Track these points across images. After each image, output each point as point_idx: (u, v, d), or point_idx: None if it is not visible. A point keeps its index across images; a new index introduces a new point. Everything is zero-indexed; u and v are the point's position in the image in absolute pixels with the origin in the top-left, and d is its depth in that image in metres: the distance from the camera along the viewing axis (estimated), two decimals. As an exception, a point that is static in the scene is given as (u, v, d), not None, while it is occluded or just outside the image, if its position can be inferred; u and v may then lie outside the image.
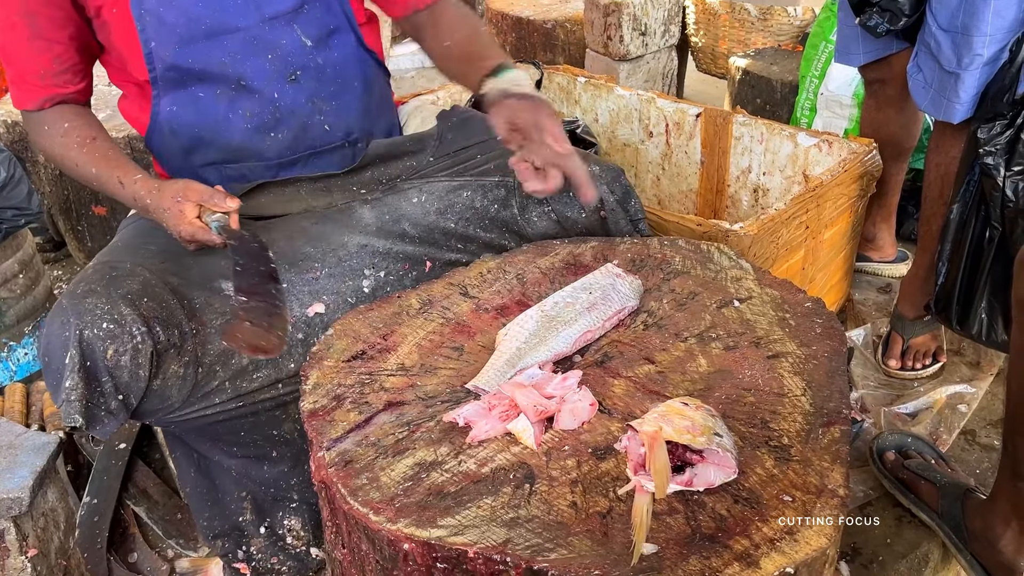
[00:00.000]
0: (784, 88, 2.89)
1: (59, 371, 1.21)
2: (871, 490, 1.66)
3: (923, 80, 1.74)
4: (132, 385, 1.24)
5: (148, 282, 1.29)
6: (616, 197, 1.49)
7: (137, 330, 1.23)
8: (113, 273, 1.29)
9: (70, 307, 1.23)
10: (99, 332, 1.21)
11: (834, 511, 0.93)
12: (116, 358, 1.22)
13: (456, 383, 1.17)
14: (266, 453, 1.47)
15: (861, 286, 2.31)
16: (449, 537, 0.92)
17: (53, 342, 1.22)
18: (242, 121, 1.46)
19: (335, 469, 1.03)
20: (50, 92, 1.45)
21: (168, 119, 1.45)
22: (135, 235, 1.44)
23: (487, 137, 1.59)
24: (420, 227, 1.51)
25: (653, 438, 0.95)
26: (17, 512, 1.21)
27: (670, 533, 0.92)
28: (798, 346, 1.20)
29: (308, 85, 1.48)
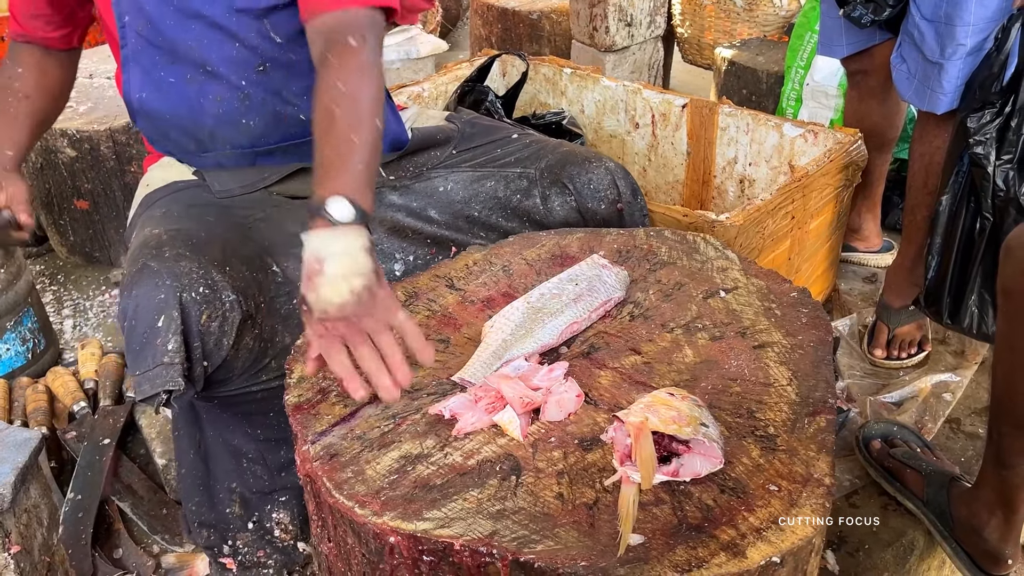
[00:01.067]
0: (770, 79, 2.89)
1: (149, 335, 1.17)
2: (857, 479, 1.67)
3: (907, 71, 1.74)
4: (215, 353, 1.23)
5: (226, 251, 1.28)
6: (629, 191, 1.55)
7: (226, 297, 1.22)
8: (194, 240, 1.27)
9: (164, 270, 1.20)
10: (196, 296, 1.19)
11: (820, 500, 0.93)
12: (208, 324, 1.20)
13: (442, 375, 1.16)
14: (286, 436, 1.47)
15: (847, 276, 2.32)
16: (435, 530, 0.92)
17: (144, 304, 1.18)
18: (213, 106, 1.43)
19: (320, 463, 1.02)
20: (21, 29, 1.48)
21: (139, 103, 1.44)
22: (185, 207, 1.41)
23: (502, 135, 1.67)
24: (447, 213, 1.56)
25: (639, 429, 0.95)
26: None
27: (656, 523, 0.92)
28: (784, 336, 1.20)
29: (277, 77, 1.45)
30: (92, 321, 2.36)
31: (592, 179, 1.54)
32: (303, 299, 1.03)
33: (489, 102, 2.21)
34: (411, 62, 3.05)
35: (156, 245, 1.27)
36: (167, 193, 1.47)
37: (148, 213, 1.43)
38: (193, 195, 1.46)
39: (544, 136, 1.71)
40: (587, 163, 1.56)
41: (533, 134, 1.71)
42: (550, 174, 1.57)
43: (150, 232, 1.33)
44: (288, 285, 1.36)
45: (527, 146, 1.64)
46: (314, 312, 1.02)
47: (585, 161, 1.56)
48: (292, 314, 1.35)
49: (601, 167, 1.55)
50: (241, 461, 1.51)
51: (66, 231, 2.50)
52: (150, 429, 1.79)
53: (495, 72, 2.54)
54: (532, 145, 1.64)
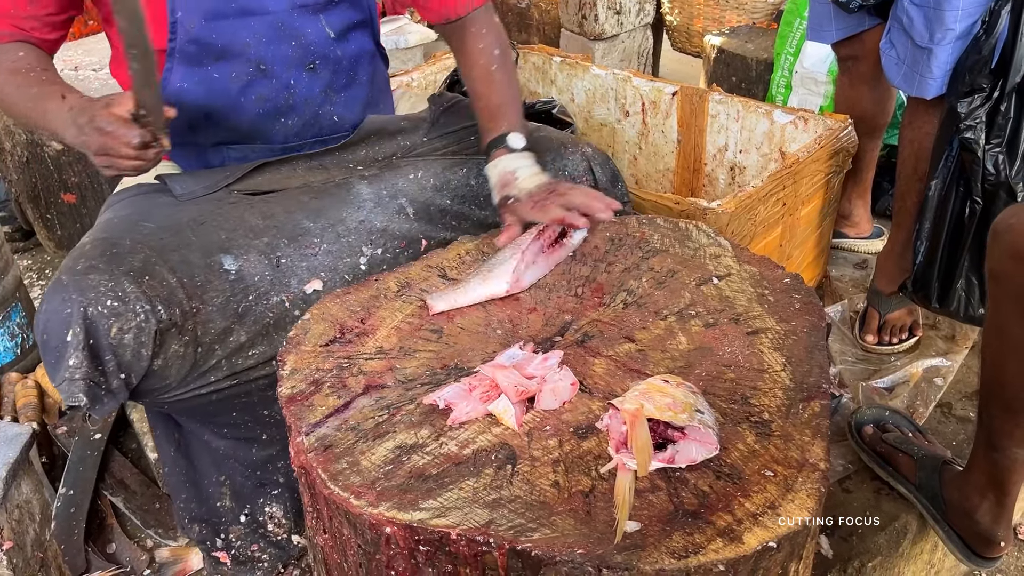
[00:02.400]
0: (759, 66, 2.89)
1: (60, 349, 1.17)
2: (850, 464, 1.67)
3: (896, 56, 1.74)
4: (134, 364, 1.21)
5: (149, 259, 1.27)
6: (607, 178, 1.52)
7: (140, 308, 1.21)
8: (114, 250, 1.26)
9: (71, 283, 1.19)
10: (103, 309, 1.18)
11: (816, 485, 0.93)
12: (120, 336, 1.19)
13: (436, 365, 1.16)
14: (256, 435, 1.46)
15: (837, 262, 2.32)
16: (431, 520, 0.91)
17: (53, 319, 1.18)
18: (254, 105, 1.45)
19: (315, 454, 1.01)
20: (9, 28, 1.37)
21: (176, 93, 1.41)
22: (130, 212, 1.39)
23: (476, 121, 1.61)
24: (417, 203, 1.51)
25: (634, 416, 0.95)
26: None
27: (653, 510, 0.92)
28: (777, 322, 1.20)
29: (324, 75, 1.48)
30: (81, 316, 2.35)
31: (567, 165, 1.51)
32: (505, 198, 1.41)
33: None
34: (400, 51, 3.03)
35: (76, 257, 1.26)
36: (126, 196, 1.46)
37: (100, 218, 1.42)
38: (150, 198, 1.43)
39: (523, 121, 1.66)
40: (562, 148, 1.53)
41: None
42: None
43: (82, 241, 1.32)
44: (243, 282, 1.34)
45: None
46: (521, 198, 1.39)
47: (560, 146, 1.53)
48: (249, 311, 1.33)
49: (577, 153, 1.52)
50: (218, 457, 1.50)
51: (53, 225, 2.48)
52: (141, 424, 1.78)
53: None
54: None
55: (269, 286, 1.36)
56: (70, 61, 2.64)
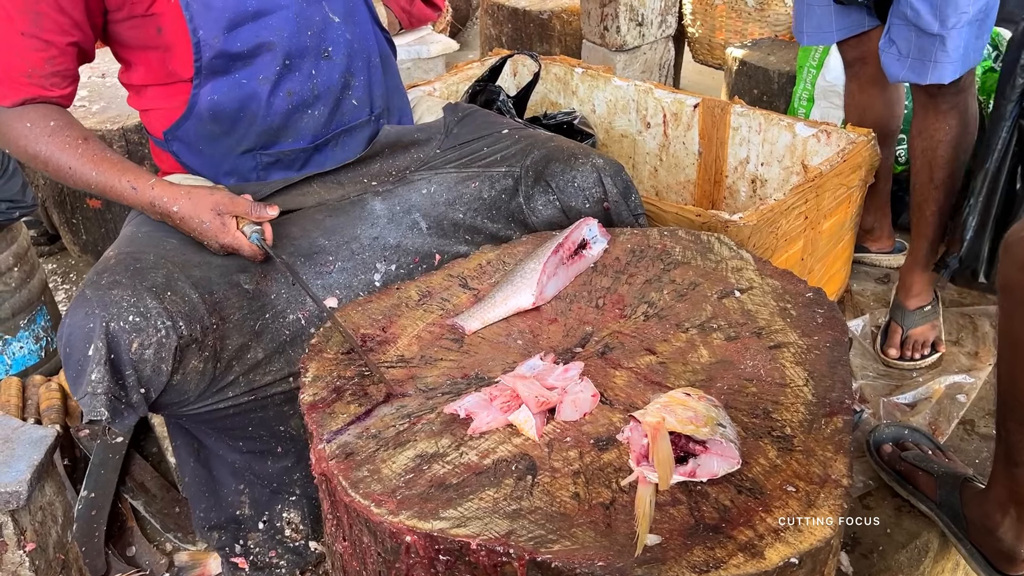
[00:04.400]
0: (781, 79, 2.89)
1: (82, 363, 1.19)
2: (870, 480, 1.66)
3: (896, 52, 1.75)
4: (154, 379, 1.23)
5: (171, 275, 1.28)
6: (618, 190, 1.51)
7: (162, 324, 1.22)
8: (137, 265, 1.27)
9: (95, 298, 1.21)
10: (125, 325, 1.19)
11: (838, 501, 0.93)
12: (140, 351, 1.20)
13: (456, 374, 1.16)
14: (271, 448, 1.47)
15: (859, 276, 2.31)
16: (451, 529, 0.92)
17: (76, 333, 1.20)
18: (284, 101, 1.46)
19: (336, 461, 1.02)
20: (34, 92, 1.36)
21: (210, 107, 1.43)
22: (154, 227, 1.41)
23: (492, 131, 1.62)
24: (430, 218, 1.53)
25: (656, 429, 0.95)
26: (15, 506, 1.20)
27: (673, 524, 0.92)
28: (799, 336, 1.19)
29: (339, 61, 1.50)
30: (104, 320, 2.37)
31: (576, 176, 1.49)
32: None
33: (500, 102, 2.21)
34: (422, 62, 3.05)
35: (100, 271, 1.27)
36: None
37: (124, 230, 1.44)
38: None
39: (539, 131, 1.65)
40: (572, 159, 1.51)
41: (527, 128, 1.66)
42: (534, 172, 1.53)
43: (105, 255, 1.34)
44: (260, 300, 1.35)
45: (516, 142, 1.59)
46: None
47: (571, 158, 1.51)
48: (266, 329, 1.35)
49: (587, 164, 1.50)
50: (235, 469, 1.51)
51: (78, 230, 2.51)
52: (162, 428, 1.79)
53: (506, 72, 2.54)
54: (521, 141, 1.59)
55: (285, 304, 1.37)
56: (97, 69, 2.68)
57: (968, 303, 2.17)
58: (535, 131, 1.65)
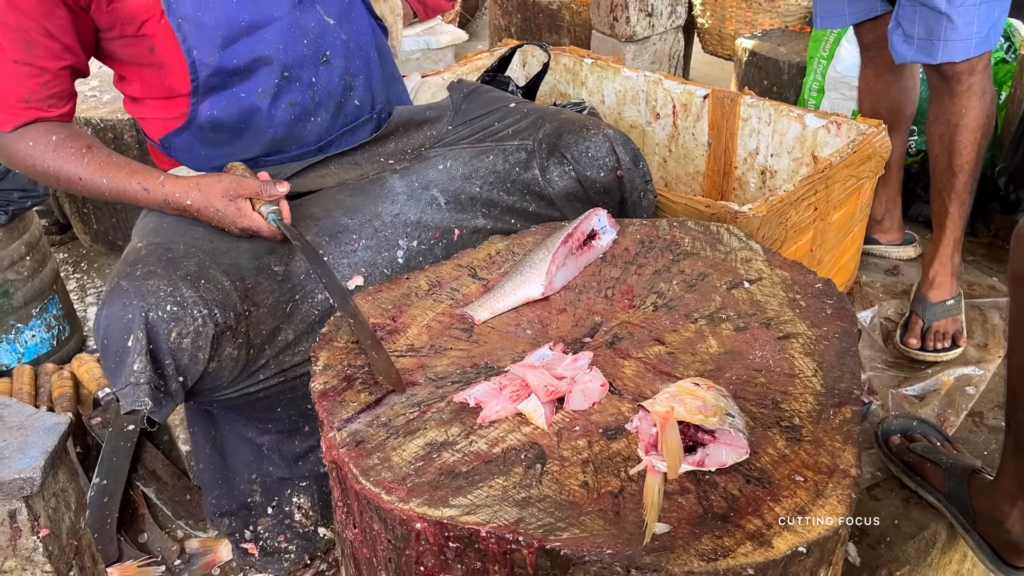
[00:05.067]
0: (791, 69, 2.88)
1: (121, 354, 1.19)
2: (879, 472, 1.66)
3: (902, 34, 1.74)
4: (191, 368, 1.23)
5: (203, 263, 1.29)
6: (630, 157, 1.53)
7: (198, 312, 1.22)
8: (169, 255, 1.28)
9: (132, 289, 1.21)
10: (163, 314, 1.20)
11: (846, 491, 0.93)
12: (179, 340, 1.21)
13: (466, 364, 1.17)
14: (299, 428, 1.48)
15: (868, 268, 2.30)
16: (461, 516, 0.92)
17: (114, 324, 1.20)
18: (286, 113, 1.46)
19: (346, 449, 1.03)
20: (32, 115, 1.36)
21: (210, 120, 1.43)
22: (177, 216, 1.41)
23: (500, 105, 1.64)
24: (448, 193, 1.54)
25: (665, 418, 0.95)
26: (29, 492, 1.21)
27: (682, 512, 0.92)
28: (808, 327, 1.19)
29: (338, 64, 1.50)
30: (115, 309, 2.38)
31: (590, 147, 1.52)
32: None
33: (510, 92, 2.21)
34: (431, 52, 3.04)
35: (132, 262, 1.27)
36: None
37: (143, 222, 1.43)
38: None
39: (545, 105, 1.66)
40: (585, 131, 1.53)
41: (532, 104, 1.68)
42: (547, 144, 1.54)
43: (133, 245, 1.34)
44: (290, 282, 1.36)
45: (525, 115, 1.61)
46: None
47: (583, 129, 1.53)
48: (296, 310, 1.36)
49: (599, 134, 1.52)
50: (259, 451, 1.52)
51: (89, 219, 2.52)
52: (173, 416, 1.80)
53: (515, 62, 2.54)
54: (531, 114, 1.61)
55: (314, 284, 1.38)
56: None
57: (977, 295, 2.17)
58: (541, 105, 1.67)
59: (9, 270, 1.94)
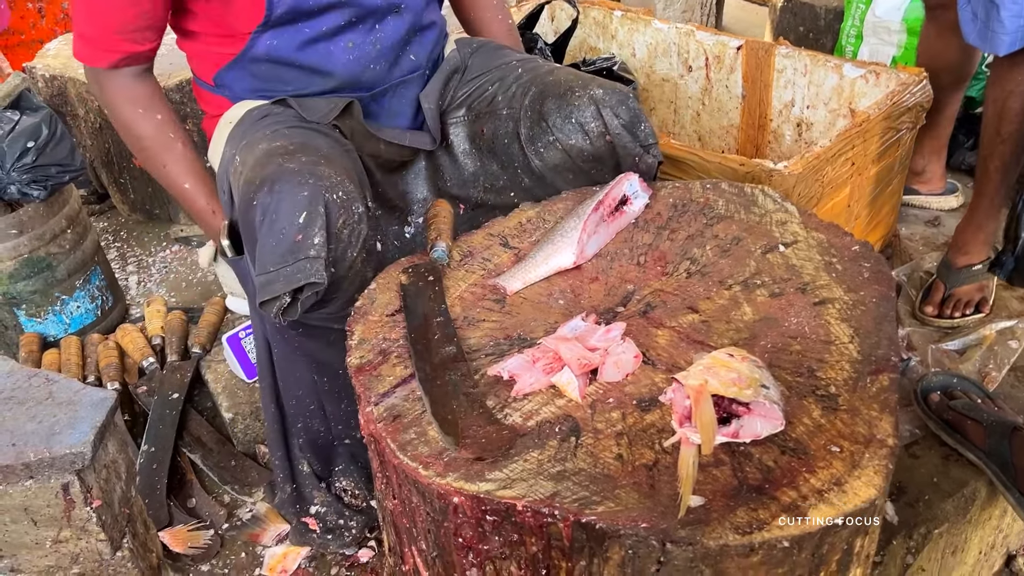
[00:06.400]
0: (828, 15, 2.79)
1: (289, 230, 1.17)
2: (917, 429, 1.65)
3: (971, 12, 1.66)
4: (340, 262, 1.23)
5: (346, 168, 1.29)
6: (622, 121, 1.42)
7: (360, 207, 1.23)
8: (322, 152, 1.27)
9: (305, 171, 1.20)
10: (336, 198, 1.19)
11: (883, 461, 0.93)
12: (342, 229, 1.20)
13: (499, 335, 1.17)
14: (348, 391, 1.48)
15: (907, 220, 2.26)
16: (498, 491, 0.94)
17: (287, 200, 1.17)
18: (344, 53, 1.44)
19: (383, 424, 1.04)
20: (126, 50, 1.37)
21: (265, 53, 1.41)
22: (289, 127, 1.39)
23: (502, 63, 1.57)
24: (449, 171, 1.53)
25: (699, 392, 0.95)
26: (80, 466, 1.26)
27: (716, 485, 0.93)
28: (845, 292, 1.18)
29: (407, 17, 1.48)
30: (155, 277, 2.43)
31: (573, 111, 1.41)
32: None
33: (539, 49, 2.18)
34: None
35: (286, 152, 1.25)
36: (259, 117, 1.43)
37: (248, 140, 1.37)
38: (280, 115, 1.42)
39: (543, 63, 1.56)
40: (569, 94, 1.42)
41: (536, 60, 1.58)
42: (532, 112, 1.45)
43: (269, 146, 1.30)
44: (376, 220, 1.35)
45: (518, 78, 1.52)
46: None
47: (567, 92, 1.42)
48: (373, 251, 1.34)
49: (584, 96, 1.41)
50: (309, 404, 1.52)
51: (126, 189, 2.55)
52: (216, 384, 1.84)
53: (544, 18, 2.50)
54: (523, 76, 1.52)
55: (386, 230, 1.41)
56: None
57: None
58: (540, 63, 1.56)
59: (51, 243, 1.99)
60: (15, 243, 1.92)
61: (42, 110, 1.90)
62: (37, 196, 1.90)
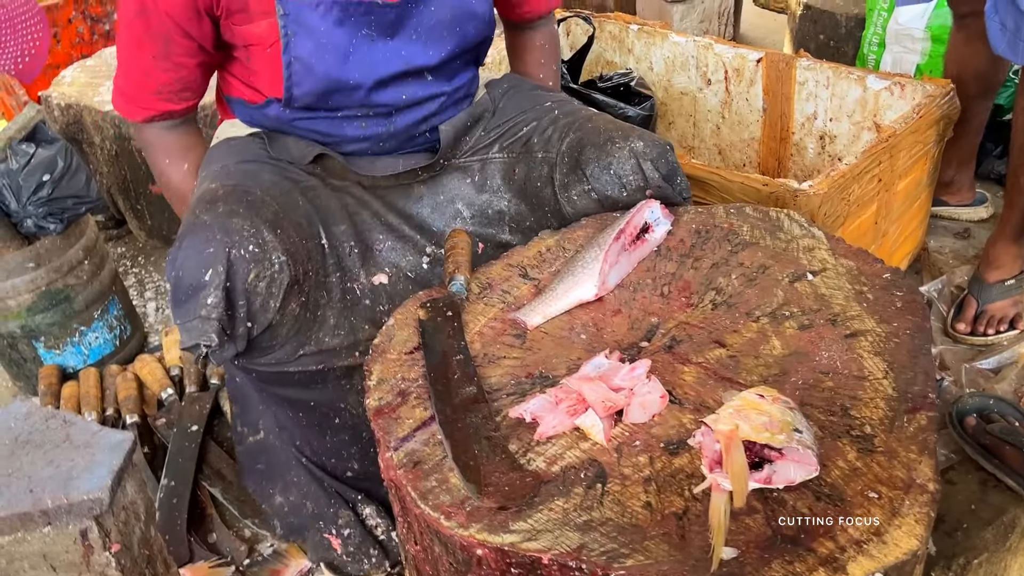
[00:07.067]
0: (849, 22, 2.74)
1: (195, 287, 1.18)
2: (953, 454, 1.60)
3: (999, 22, 1.61)
4: (260, 314, 1.22)
5: (278, 212, 1.28)
6: (661, 174, 1.39)
7: (277, 258, 1.22)
8: (249, 197, 1.27)
9: (215, 224, 1.20)
10: (245, 253, 1.19)
11: (924, 509, 0.89)
12: (255, 283, 1.20)
13: (520, 374, 1.14)
14: (329, 422, 1.48)
15: (936, 232, 2.20)
16: (522, 543, 0.91)
17: (192, 258, 1.18)
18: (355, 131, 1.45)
19: (404, 471, 1.02)
20: (164, 108, 1.43)
21: (277, 115, 1.43)
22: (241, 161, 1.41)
23: (536, 105, 1.55)
24: (473, 207, 1.51)
25: (729, 438, 0.92)
26: (98, 512, 1.23)
27: (749, 535, 0.89)
28: (878, 323, 1.14)
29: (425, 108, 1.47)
30: (174, 303, 2.42)
31: (612, 163, 1.38)
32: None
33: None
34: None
35: (211, 200, 1.26)
36: (226, 148, 1.46)
37: (211, 166, 1.42)
38: (246, 149, 1.44)
39: (581, 108, 1.54)
40: (609, 144, 1.39)
41: (572, 103, 1.56)
42: (569, 159, 1.43)
43: (207, 187, 1.33)
44: (332, 256, 1.35)
45: (555, 120, 1.49)
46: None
47: (607, 142, 1.39)
48: (333, 289, 1.35)
49: (625, 148, 1.38)
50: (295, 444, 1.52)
51: (143, 215, 2.55)
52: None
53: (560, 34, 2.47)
54: (560, 119, 1.49)
55: (353, 264, 1.38)
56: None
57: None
58: (577, 108, 1.54)
59: (69, 275, 1.98)
60: (32, 276, 1.91)
61: (57, 142, 1.90)
62: (54, 229, 1.90)
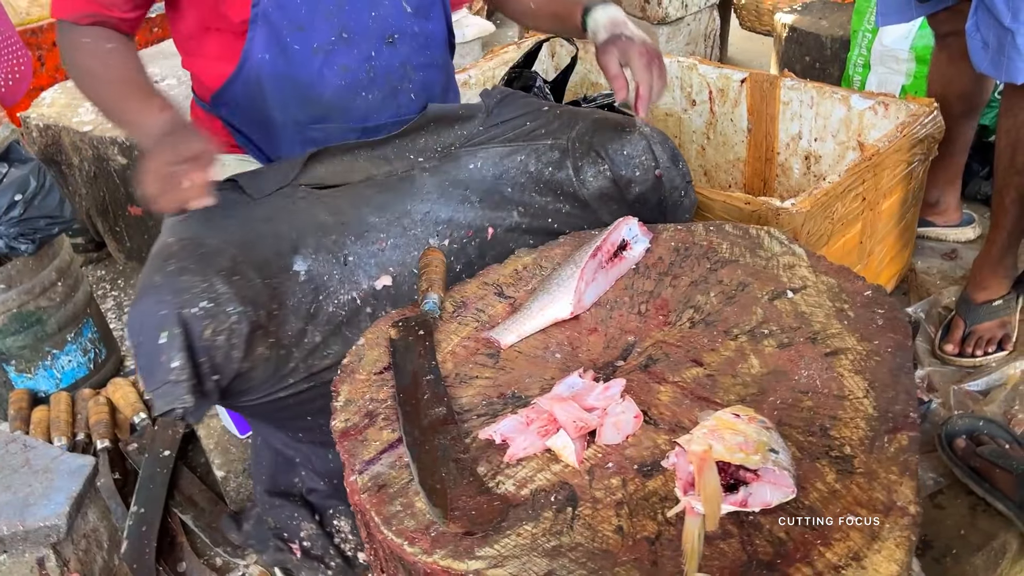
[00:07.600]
0: (834, 44, 2.74)
1: (155, 352, 1.16)
2: (941, 477, 1.57)
3: (981, 40, 1.60)
4: (225, 366, 1.20)
5: (236, 258, 1.26)
6: (668, 156, 1.47)
7: (233, 309, 1.19)
8: (202, 250, 1.25)
9: (165, 285, 1.19)
10: (197, 311, 1.17)
11: (905, 532, 0.85)
12: (213, 338, 1.18)
13: (492, 394, 1.11)
14: (330, 440, 1.44)
15: (923, 253, 2.18)
16: (488, 570, 0.87)
17: (148, 322, 1.17)
18: (336, 77, 1.45)
19: (368, 495, 0.98)
20: (95, 9, 1.37)
21: (258, 67, 1.42)
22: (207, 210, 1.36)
23: (533, 108, 1.59)
24: (479, 192, 1.50)
25: (703, 459, 0.88)
26: (56, 539, 1.20)
27: (724, 560, 0.85)
28: (858, 341, 1.11)
29: (403, 50, 1.50)
30: (152, 326, 2.38)
31: (625, 145, 1.46)
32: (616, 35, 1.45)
33: (537, 87, 2.13)
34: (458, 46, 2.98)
35: (164, 257, 1.24)
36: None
37: (172, 219, 1.39)
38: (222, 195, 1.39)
39: (576, 107, 1.62)
40: (620, 129, 1.47)
41: (565, 106, 1.63)
42: (582, 143, 1.49)
43: (164, 241, 1.31)
44: (313, 283, 1.33)
45: (558, 116, 1.56)
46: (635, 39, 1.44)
47: (619, 127, 1.48)
48: (320, 311, 1.32)
49: (635, 132, 1.47)
50: (291, 463, 1.49)
51: (122, 237, 2.52)
52: (208, 440, 1.78)
53: (544, 54, 2.46)
54: (563, 115, 1.56)
55: (338, 284, 1.35)
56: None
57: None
58: (575, 109, 1.61)
59: (41, 297, 1.94)
60: (3, 298, 1.88)
61: (30, 162, 1.87)
62: (25, 250, 1.86)
